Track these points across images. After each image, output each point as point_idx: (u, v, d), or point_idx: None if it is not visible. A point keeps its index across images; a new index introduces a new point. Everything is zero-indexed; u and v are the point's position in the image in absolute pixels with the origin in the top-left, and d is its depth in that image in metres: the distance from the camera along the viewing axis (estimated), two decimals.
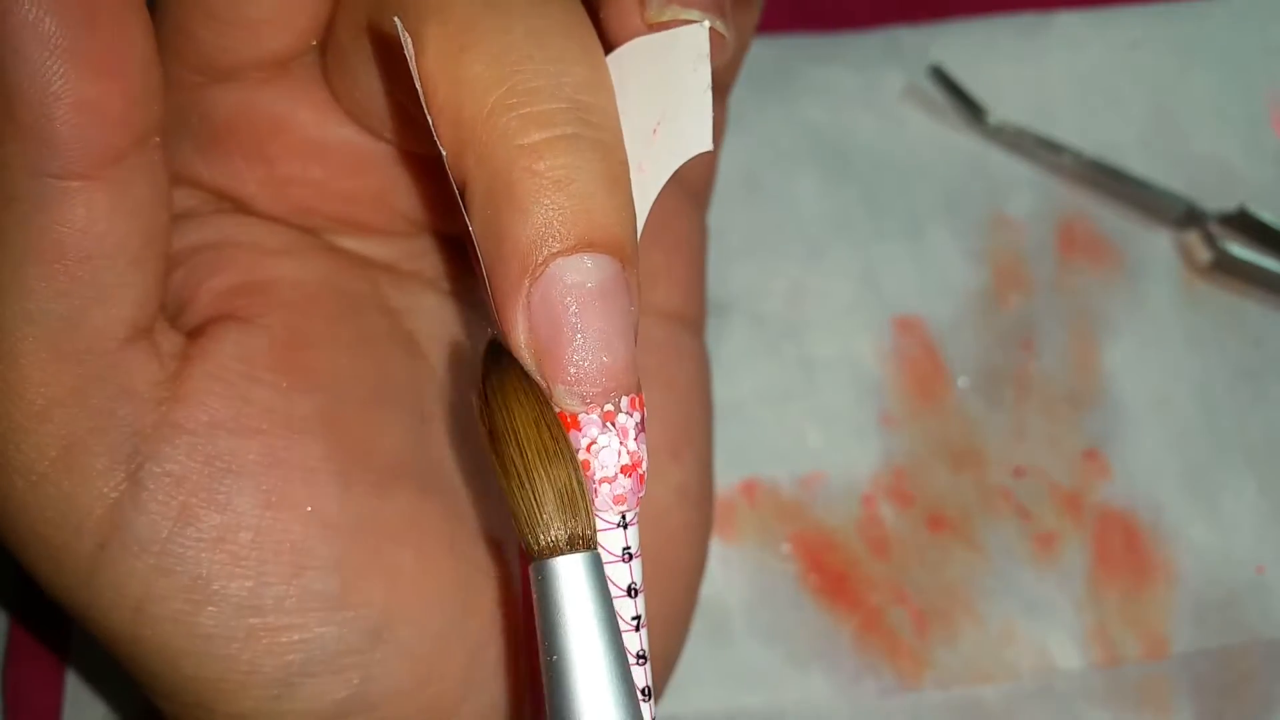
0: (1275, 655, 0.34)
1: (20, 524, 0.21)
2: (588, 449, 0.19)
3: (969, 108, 0.40)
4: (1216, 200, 0.39)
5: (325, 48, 0.23)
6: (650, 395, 0.19)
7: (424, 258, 0.26)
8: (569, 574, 0.18)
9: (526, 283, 0.18)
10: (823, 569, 0.35)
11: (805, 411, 0.37)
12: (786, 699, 0.34)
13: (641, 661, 0.19)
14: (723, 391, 0.31)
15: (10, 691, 0.31)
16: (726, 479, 0.30)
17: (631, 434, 0.19)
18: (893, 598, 0.35)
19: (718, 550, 0.34)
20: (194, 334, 0.22)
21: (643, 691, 0.19)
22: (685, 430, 0.27)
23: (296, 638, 0.21)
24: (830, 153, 0.40)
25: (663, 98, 0.20)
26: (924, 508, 0.36)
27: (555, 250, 0.18)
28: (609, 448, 0.19)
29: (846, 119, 0.41)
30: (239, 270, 0.24)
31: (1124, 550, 0.36)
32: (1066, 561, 0.36)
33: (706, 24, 0.20)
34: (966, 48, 0.41)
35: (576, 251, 0.18)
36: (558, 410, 0.19)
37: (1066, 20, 0.42)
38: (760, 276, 0.38)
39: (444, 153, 0.19)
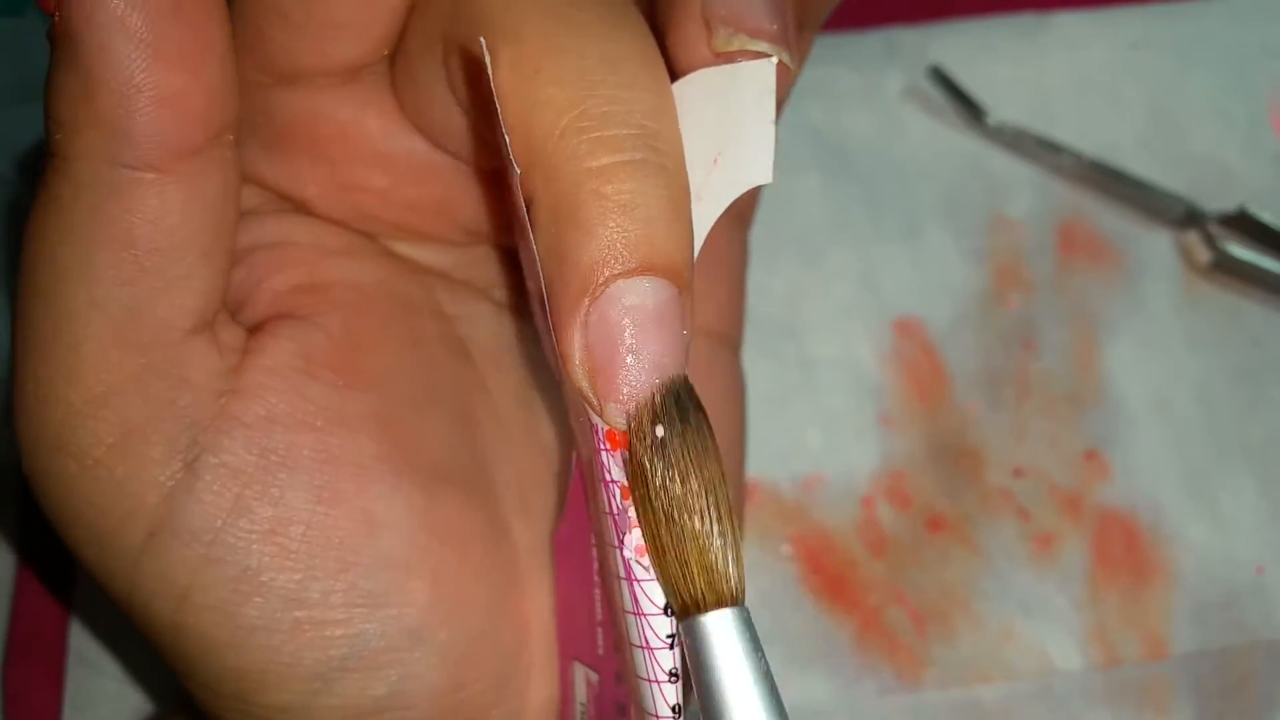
0: (1275, 656, 0.35)
1: (70, 506, 0.21)
2: None
3: (968, 108, 0.40)
4: (1216, 201, 0.39)
5: (395, 58, 0.23)
6: None
7: (478, 267, 0.26)
8: (719, 630, 0.19)
9: (586, 302, 0.18)
10: (822, 570, 0.35)
11: (805, 413, 0.37)
12: (786, 699, 0.34)
13: (674, 679, 0.19)
14: None
15: (9, 692, 0.32)
16: None
17: None
18: (892, 598, 0.35)
19: None
20: (254, 330, 0.23)
21: (674, 709, 0.20)
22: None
23: (340, 633, 0.22)
24: (830, 153, 0.40)
25: (725, 128, 0.20)
26: (923, 509, 0.36)
27: (616, 272, 0.18)
28: None
29: (846, 119, 0.41)
30: (299, 270, 0.24)
31: (1123, 551, 0.36)
32: (1066, 562, 0.36)
33: (775, 59, 0.20)
34: (966, 48, 0.41)
35: (637, 274, 0.18)
36: (607, 429, 0.19)
37: (1066, 20, 0.42)
38: (760, 277, 0.38)
39: (515, 170, 0.19)
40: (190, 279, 0.21)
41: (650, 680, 0.19)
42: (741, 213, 0.29)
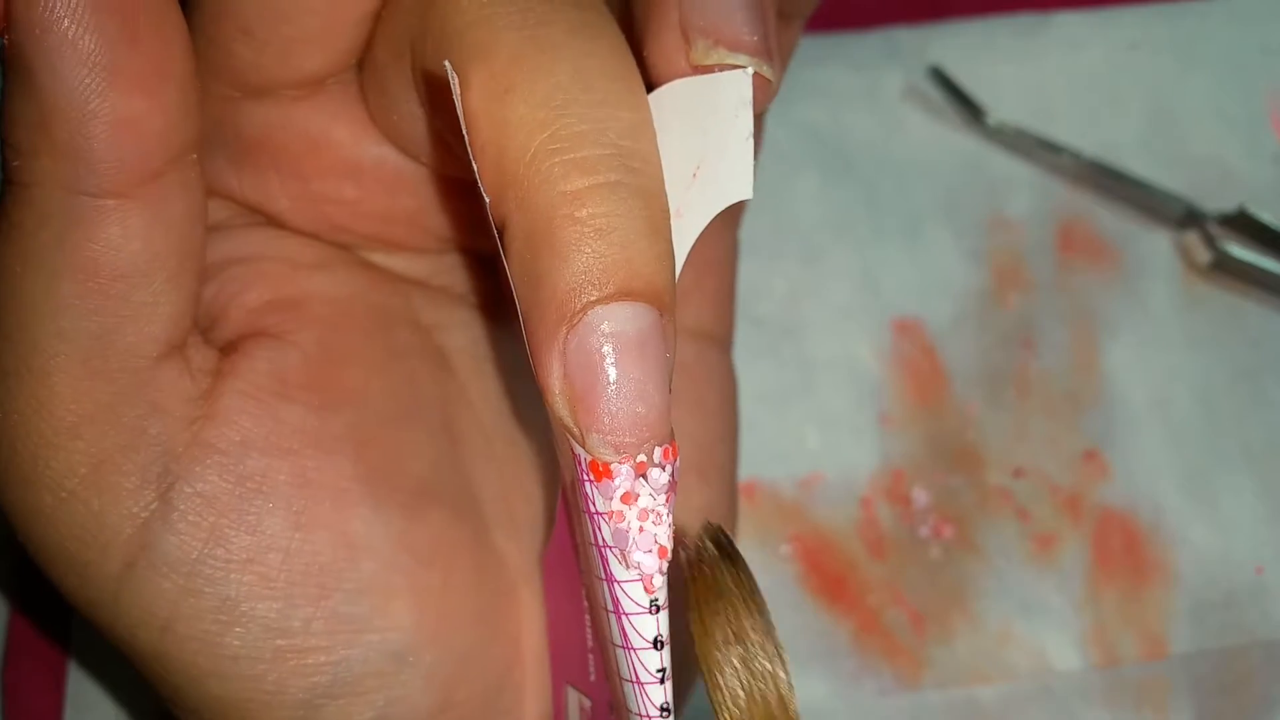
0: (1274, 656, 0.34)
1: (48, 540, 0.21)
2: (622, 500, 0.19)
3: (968, 108, 0.40)
4: (1216, 201, 0.39)
5: (363, 67, 0.22)
6: (678, 415, 0.19)
7: (453, 273, 0.26)
8: None
9: (564, 330, 0.18)
10: (822, 570, 0.35)
11: (804, 413, 0.37)
12: None
13: (665, 714, 0.19)
14: None
15: (9, 692, 0.32)
16: None
17: (663, 492, 0.19)
18: (891, 599, 0.35)
19: None
20: (226, 350, 0.22)
21: None
22: (712, 450, 0.27)
23: (323, 659, 0.21)
24: (830, 153, 0.40)
25: (703, 142, 0.20)
26: (922, 509, 0.36)
27: (594, 298, 0.18)
28: (643, 501, 0.19)
29: (846, 119, 0.41)
30: (271, 285, 0.23)
31: (1123, 551, 0.36)
32: (1065, 562, 0.36)
33: (750, 70, 0.19)
34: (965, 48, 0.41)
35: (615, 300, 0.18)
36: (590, 459, 0.18)
37: (1066, 20, 0.42)
38: (759, 277, 0.38)
39: (485, 196, 0.19)
40: (157, 304, 0.20)
41: (641, 715, 0.19)
42: (730, 212, 0.29)
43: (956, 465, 0.37)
